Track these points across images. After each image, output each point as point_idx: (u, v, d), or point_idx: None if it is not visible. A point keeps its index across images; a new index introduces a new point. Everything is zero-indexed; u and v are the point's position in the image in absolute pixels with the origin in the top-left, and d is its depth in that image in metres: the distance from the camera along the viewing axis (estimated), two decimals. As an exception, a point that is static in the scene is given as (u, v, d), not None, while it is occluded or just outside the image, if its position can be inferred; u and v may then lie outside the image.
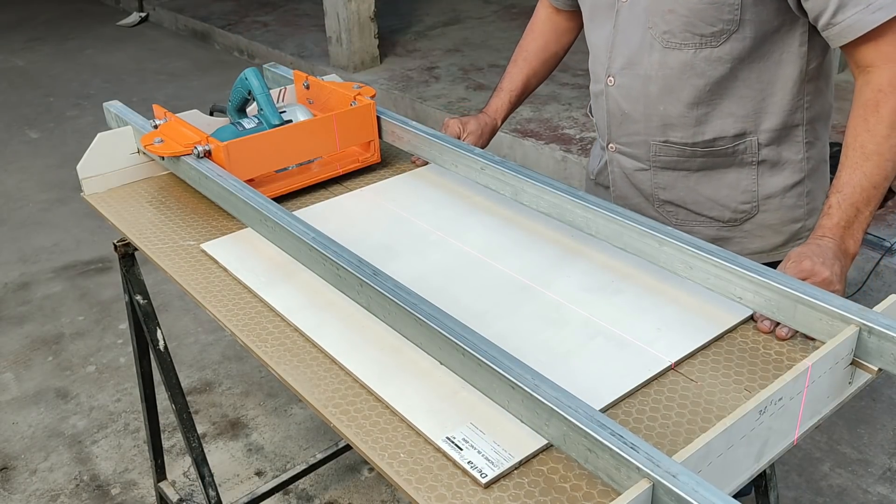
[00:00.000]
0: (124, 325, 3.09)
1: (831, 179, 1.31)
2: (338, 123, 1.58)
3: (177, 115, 1.76)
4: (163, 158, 1.59)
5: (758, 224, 1.50)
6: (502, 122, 1.75)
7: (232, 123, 1.64)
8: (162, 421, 2.21)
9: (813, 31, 1.32)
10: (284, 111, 1.64)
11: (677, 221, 1.54)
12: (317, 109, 1.73)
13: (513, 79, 1.75)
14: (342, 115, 1.59)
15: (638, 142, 1.48)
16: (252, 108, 1.73)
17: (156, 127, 1.62)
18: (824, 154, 1.52)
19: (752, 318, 1.16)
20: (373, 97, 1.64)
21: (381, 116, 1.66)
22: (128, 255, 1.68)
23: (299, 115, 1.64)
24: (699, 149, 1.44)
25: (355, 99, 1.63)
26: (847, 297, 1.08)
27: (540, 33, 1.76)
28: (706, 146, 1.44)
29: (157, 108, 1.68)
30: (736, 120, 1.40)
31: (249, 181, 1.51)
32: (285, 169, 1.62)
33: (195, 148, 1.50)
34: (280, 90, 1.77)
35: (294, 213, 1.40)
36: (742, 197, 1.48)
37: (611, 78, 1.45)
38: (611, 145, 1.53)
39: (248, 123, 1.61)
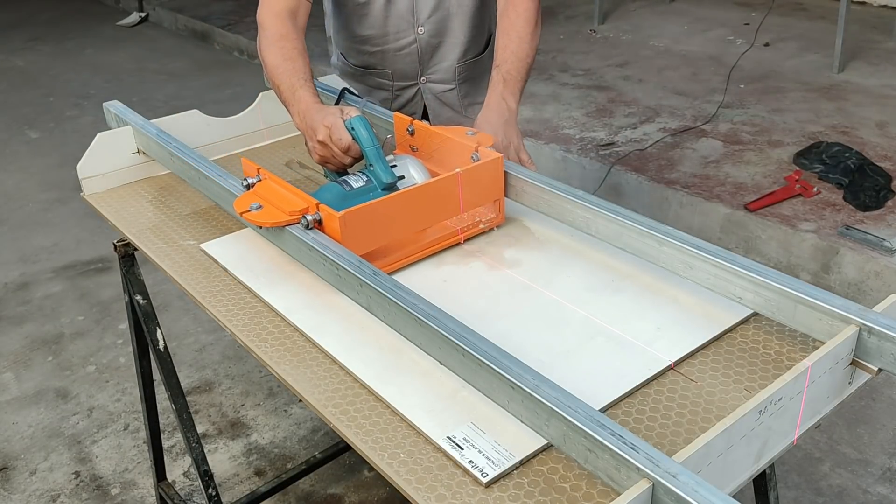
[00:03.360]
0: (124, 325, 3.09)
1: None
2: (462, 182, 1.34)
3: (175, 115, 1.76)
4: (259, 227, 1.36)
5: None
6: None
7: (335, 181, 1.40)
8: (162, 421, 2.21)
9: None
10: (395, 165, 1.40)
11: (476, 113, 1.89)
12: (422, 159, 1.47)
13: (306, 71, 1.61)
14: (468, 172, 1.34)
15: (445, 68, 1.90)
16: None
17: (248, 187, 1.37)
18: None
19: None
20: (492, 146, 1.41)
21: (507, 171, 1.42)
22: (128, 255, 1.68)
23: (411, 170, 1.41)
24: (483, 55, 1.93)
25: (477, 151, 1.39)
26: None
27: (295, 36, 1.64)
28: (484, 50, 1.94)
29: (247, 164, 1.40)
30: (489, 24, 1.90)
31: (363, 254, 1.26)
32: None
33: (303, 217, 1.27)
34: (386, 139, 1.49)
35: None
36: None
37: (420, 27, 1.82)
38: (422, 78, 1.91)
39: (356, 182, 1.36)
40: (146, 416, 2.02)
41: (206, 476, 1.75)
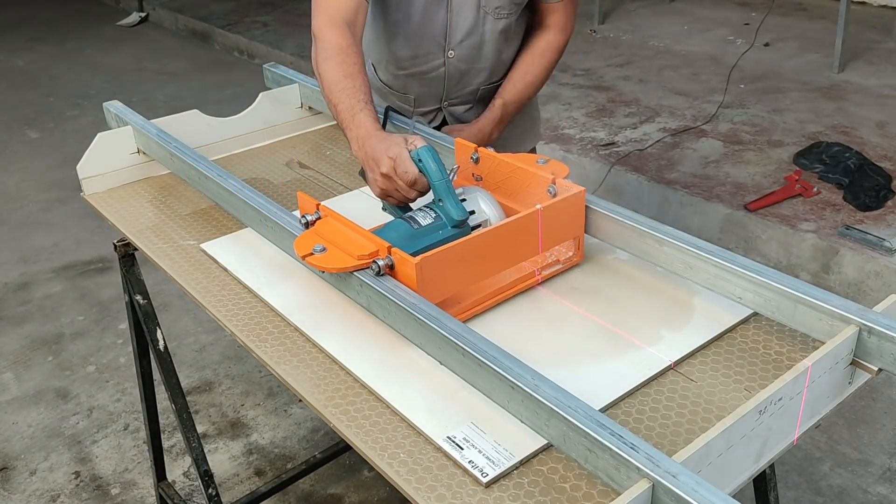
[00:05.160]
0: (124, 325, 3.09)
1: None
2: (542, 219, 1.22)
3: (174, 115, 1.76)
4: (322, 272, 1.24)
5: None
6: None
7: (400, 218, 1.28)
8: (162, 421, 2.21)
9: None
10: (464, 199, 1.28)
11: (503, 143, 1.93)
12: (488, 189, 1.35)
13: (367, 91, 1.51)
14: (549, 209, 1.22)
15: (468, 92, 1.87)
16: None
17: (307, 225, 1.26)
18: None
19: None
20: (566, 176, 1.29)
21: (589, 206, 1.30)
22: (128, 255, 1.68)
23: (482, 204, 1.29)
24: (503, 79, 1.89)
25: (554, 183, 1.27)
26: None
27: (355, 49, 1.55)
28: (505, 75, 1.88)
29: (303, 199, 1.28)
30: (512, 55, 1.87)
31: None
32: None
33: (374, 262, 1.15)
34: (452, 169, 1.31)
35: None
36: (534, 114, 2.06)
37: (451, 51, 1.76)
38: (444, 102, 1.87)
39: (423, 218, 1.24)
40: (146, 416, 2.02)
41: (206, 476, 1.75)
